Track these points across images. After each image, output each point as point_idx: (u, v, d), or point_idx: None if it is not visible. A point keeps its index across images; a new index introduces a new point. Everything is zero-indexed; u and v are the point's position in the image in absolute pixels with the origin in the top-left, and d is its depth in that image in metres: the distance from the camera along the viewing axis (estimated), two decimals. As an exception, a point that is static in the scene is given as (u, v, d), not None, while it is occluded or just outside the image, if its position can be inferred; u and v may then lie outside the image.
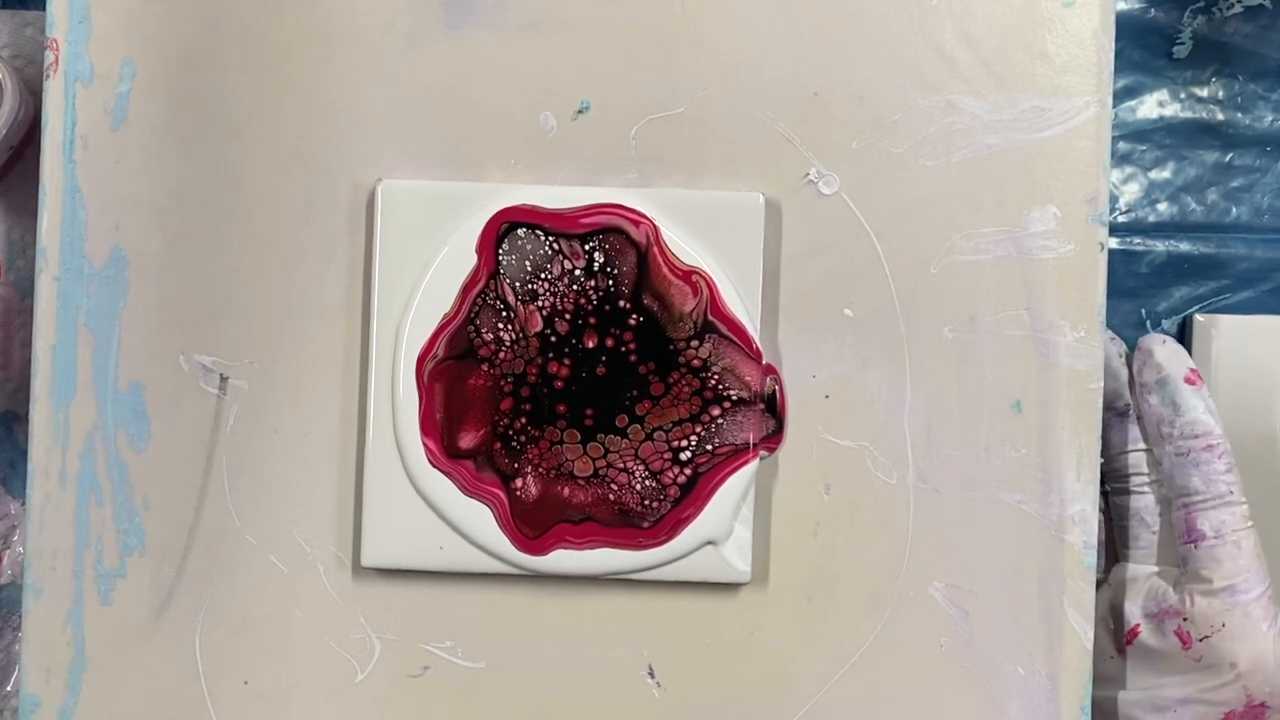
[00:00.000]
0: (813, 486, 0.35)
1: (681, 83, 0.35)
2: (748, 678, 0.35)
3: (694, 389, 0.34)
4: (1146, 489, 0.39)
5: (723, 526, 0.34)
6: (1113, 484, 0.39)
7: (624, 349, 0.34)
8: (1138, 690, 0.38)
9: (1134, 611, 0.38)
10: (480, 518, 0.34)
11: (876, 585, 0.35)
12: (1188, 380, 0.37)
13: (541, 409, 0.34)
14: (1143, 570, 0.38)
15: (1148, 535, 0.39)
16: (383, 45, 0.35)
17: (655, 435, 0.34)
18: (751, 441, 0.34)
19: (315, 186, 0.35)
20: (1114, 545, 0.40)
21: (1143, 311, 0.47)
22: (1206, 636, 0.36)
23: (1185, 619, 0.36)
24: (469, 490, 0.34)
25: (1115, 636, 0.38)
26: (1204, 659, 0.36)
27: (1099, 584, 0.39)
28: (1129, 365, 0.39)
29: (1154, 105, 0.47)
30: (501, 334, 0.34)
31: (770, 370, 0.35)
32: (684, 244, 0.34)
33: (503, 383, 0.34)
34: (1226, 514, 0.36)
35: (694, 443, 0.34)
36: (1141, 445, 0.39)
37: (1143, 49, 0.47)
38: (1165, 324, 0.47)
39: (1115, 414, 0.39)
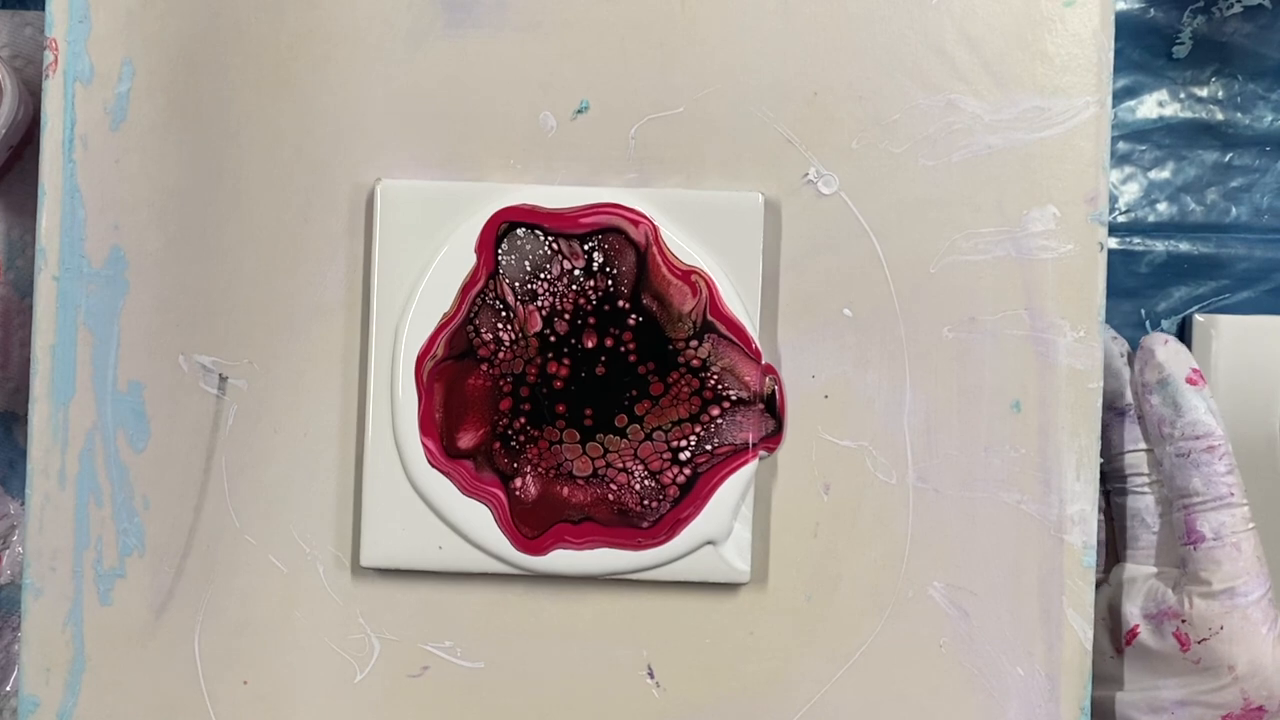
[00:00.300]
0: (812, 486, 0.35)
1: (681, 83, 0.35)
2: (748, 678, 0.35)
3: (693, 389, 0.34)
4: (1147, 489, 0.38)
5: (722, 526, 0.34)
6: (1113, 484, 0.39)
7: (623, 349, 0.34)
8: (1136, 691, 0.38)
9: (1133, 612, 0.38)
10: (479, 518, 0.34)
11: (876, 585, 0.35)
12: (1189, 380, 0.37)
13: (541, 409, 0.34)
14: (1142, 571, 0.38)
15: (1148, 536, 0.38)
16: (383, 45, 0.35)
17: (654, 435, 0.34)
18: (751, 441, 0.34)
19: (315, 186, 0.35)
20: (1114, 545, 0.40)
21: (1142, 311, 0.47)
22: (1205, 639, 0.36)
23: (1184, 621, 0.36)
24: (468, 490, 0.34)
25: (1114, 637, 0.38)
26: (1202, 661, 0.36)
27: (1098, 584, 0.39)
28: (1130, 365, 0.39)
29: (1154, 105, 0.47)
30: (501, 334, 0.34)
31: (770, 370, 0.35)
32: (683, 244, 0.34)
33: (502, 383, 0.34)
34: (1227, 516, 0.36)
35: (693, 443, 0.34)
36: (1142, 445, 0.39)
37: (1142, 49, 0.47)
38: (1165, 324, 0.47)
39: (1116, 414, 0.39)
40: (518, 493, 0.34)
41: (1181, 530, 0.37)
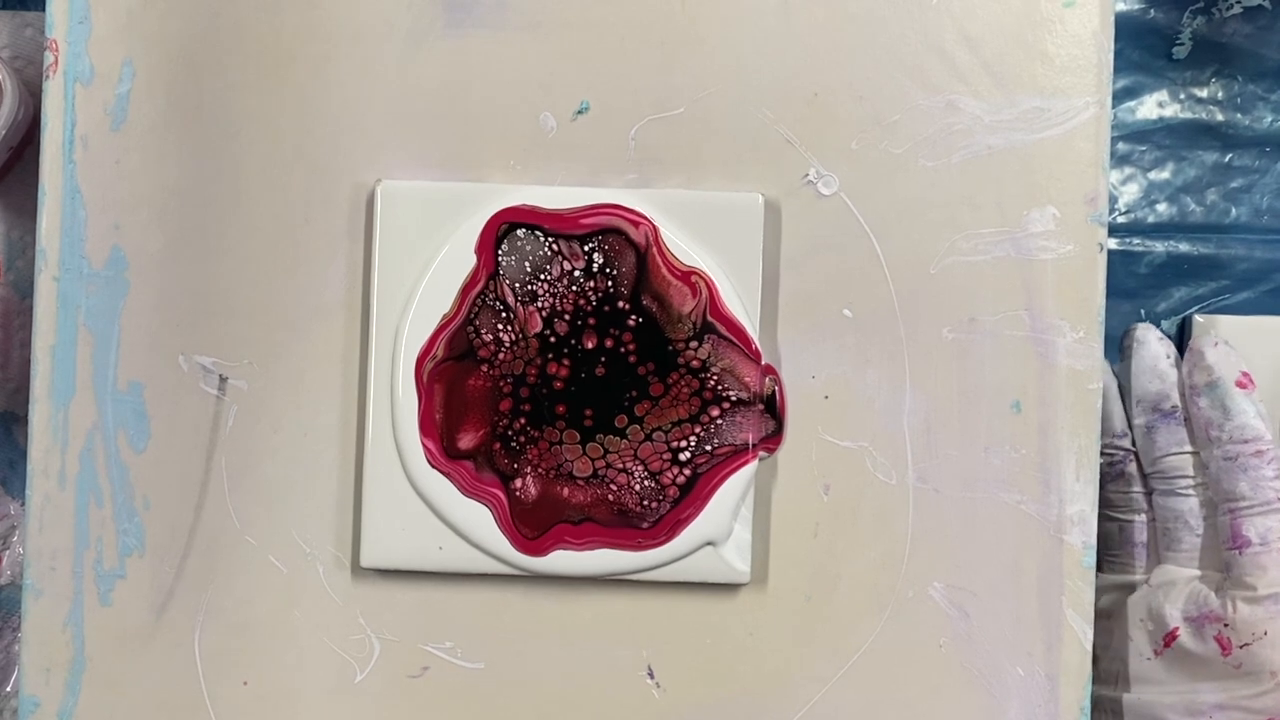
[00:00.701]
0: (812, 487, 0.35)
1: (681, 83, 0.35)
2: (748, 678, 0.35)
3: (693, 389, 0.34)
4: (1191, 492, 0.38)
5: (722, 527, 0.34)
6: (1157, 486, 0.39)
7: (623, 350, 0.34)
8: (1173, 694, 0.37)
9: (1174, 614, 0.37)
10: (480, 518, 0.34)
11: (876, 585, 0.35)
12: (1239, 384, 0.37)
13: (541, 409, 0.34)
14: (1184, 574, 0.38)
15: (1191, 538, 0.38)
16: (383, 45, 0.35)
17: (654, 436, 0.34)
18: (751, 442, 0.34)
19: (315, 186, 0.35)
20: (1156, 547, 0.40)
21: (1142, 312, 0.47)
22: (1247, 644, 0.35)
23: (1226, 625, 0.36)
24: (468, 491, 0.34)
25: (1154, 638, 0.38)
26: (1244, 666, 0.36)
27: (1138, 585, 0.39)
28: (1178, 367, 0.39)
29: (1153, 106, 0.47)
30: (501, 335, 0.34)
31: (770, 371, 0.35)
32: (683, 244, 0.34)
33: (502, 383, 0.34)
34: (1274, 521, 0.36)
35: (693, 443, 0.34)
36: (1188, 448, 0.38)
37: (1142, 49, 0.47)
38: (1165, 324, 0.47)
39: (1162, 416, 0.38)
40: (518, 493, 0.34)
41: (1227, 534, 0.37)
